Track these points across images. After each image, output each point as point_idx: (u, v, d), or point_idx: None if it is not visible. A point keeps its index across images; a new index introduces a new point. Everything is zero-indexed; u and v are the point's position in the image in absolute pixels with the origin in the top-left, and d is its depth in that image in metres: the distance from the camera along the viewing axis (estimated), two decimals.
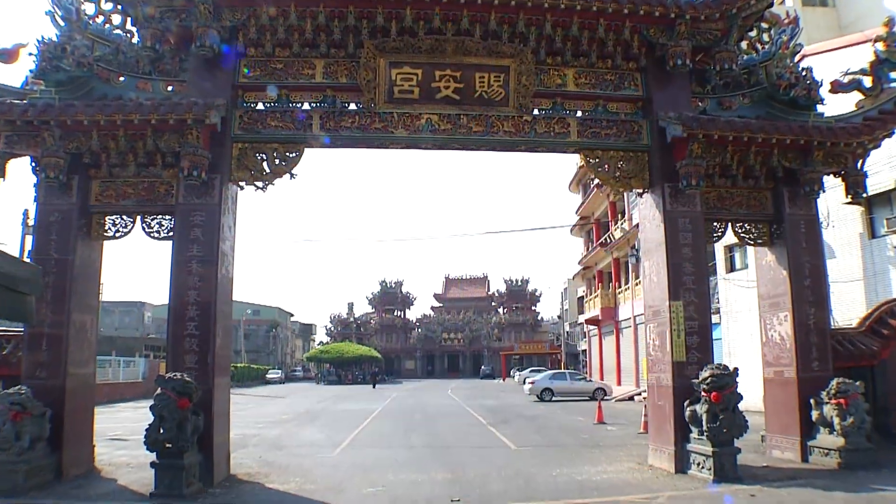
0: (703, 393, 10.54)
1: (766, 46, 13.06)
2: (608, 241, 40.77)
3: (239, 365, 61.76)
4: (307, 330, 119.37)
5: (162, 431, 9.47)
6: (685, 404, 11.06)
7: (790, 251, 12.42)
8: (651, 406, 12.33)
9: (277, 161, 11.79)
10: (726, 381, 10.39)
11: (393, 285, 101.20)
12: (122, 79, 11.58)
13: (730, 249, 26.69)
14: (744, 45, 13.08)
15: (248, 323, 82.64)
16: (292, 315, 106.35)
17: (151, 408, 9.61)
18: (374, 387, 55.14)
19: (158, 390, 9.66)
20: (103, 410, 25.46)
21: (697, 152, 11.59)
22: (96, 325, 11.59)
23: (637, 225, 29.88)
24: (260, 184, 11.79)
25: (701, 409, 10.59)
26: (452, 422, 22.16)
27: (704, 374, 10.62)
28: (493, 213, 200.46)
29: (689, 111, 12.03)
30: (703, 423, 10.48)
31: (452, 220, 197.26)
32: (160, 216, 11.47)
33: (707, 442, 10.45)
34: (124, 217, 11.55)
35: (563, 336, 69.04)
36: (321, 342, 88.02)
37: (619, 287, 39.85)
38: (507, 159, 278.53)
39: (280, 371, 76.76)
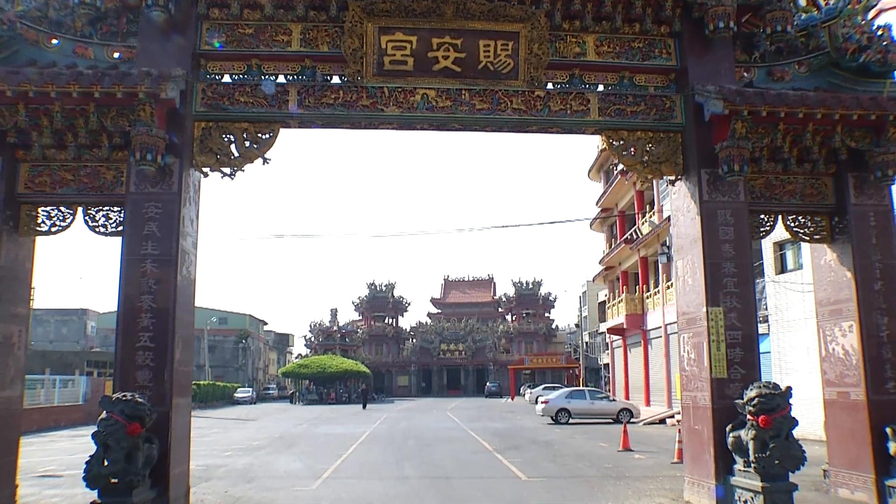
0: (749, 416, 10.36)
1: (831, 2, 12.66)
2: (634, 236, 40.65)
3: (202, 382, 61.81)
4: (283, 341, 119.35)
5: (107, 464, 9.24)
6: (727, 429, 10.90)
7: (856, 248, 12.23)
8: (686, 431, 12.20)
9: (248, 143, 11.65)
10: (777, 402, 10.20)
11: (383, 288, 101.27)
12: (54, 42, 11.33)
13: (780, 247, 26.45)
14: (802, 1, 12.81)
15: (213, 333, 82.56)
16: (266, 323, 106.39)
17: (94, 435, 9.36)
18: (364, 407, 54.97)
19: (104, 414, 9.46)
20: (33, 441, 25.26)
21: (741, 132, 11.43)
22: (25, 338, 11.33)
23: (668, 218, 29.78)
24: (227, 170, 11.64)
25: (747, 435, 10.41)
26: (453, 448, 22.08)
27: (750, 393, 10.45)
28: (499, 206, 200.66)
29: (732, 83, 11.85)
30: (750, 452, 10.29)
31: (452, 213, 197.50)
32: (107, 207, 11.28)
33: (755, 475, 10.25)
34: (62, 208, 11.33)
35: (582, 348, 69.06)
36: (299, 355, 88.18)
37: (648, 291, 39.76)
38: (517, 142, 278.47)
39: (251, 389, 76.89)
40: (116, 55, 11.37)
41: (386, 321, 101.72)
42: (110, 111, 10.76)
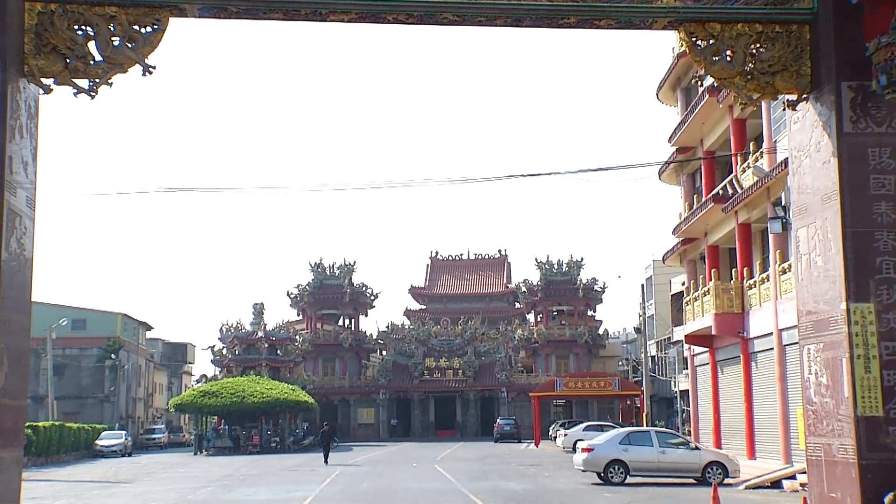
0: None
1: None
2: (729, 191, 40.52)
3: (42, 424, 61.47)
4: (177, 355, 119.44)
5: None
6: (886, 500, 10.85)
7: None
8: (817, 500, 12.19)
9: (117, 40, 11.51)
10: None
11: (336, 272, 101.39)
12: None
13: None
14: None
15: (62, 344, 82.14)
16: (150, 328, 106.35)
17: None
18: (325, 458, 52.45)
19: None
20: None
21: None
22: None
23: (785, 162, 29.51)
24: (84, 82, 11.51)
25: None
26: None
27: None
28: (515, 148, 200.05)
29: None
30: None
31: (445, 157, 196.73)
32: None
33: None
34: None
35: (646, 365, 69.24)
36: (203, 377, 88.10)
37: (751, 276, 39.70)
38: (545, 43, 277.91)
39: (124, 433, 76.44)
40: None
41: (340, 323, 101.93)
42: None
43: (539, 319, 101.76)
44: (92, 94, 11.55)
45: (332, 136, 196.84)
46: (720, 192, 41.87)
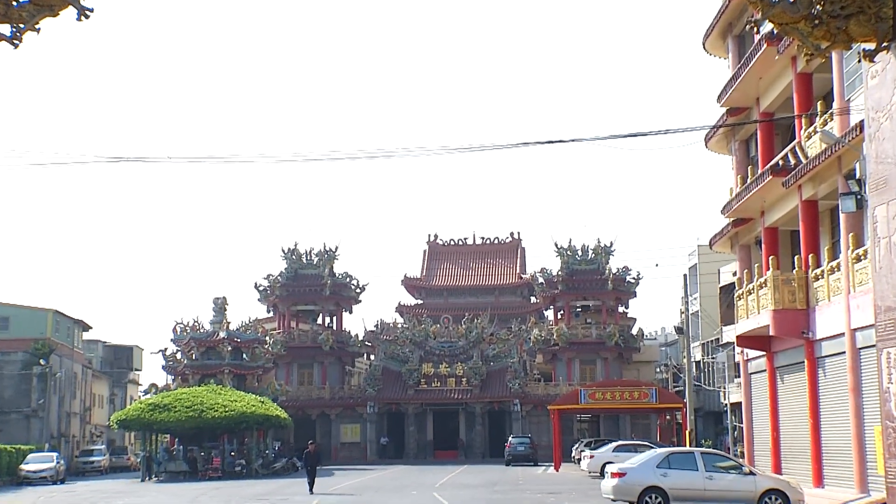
0: None
1: None
2: (791, 162, 40.46)
3: None
4: (121, 360, 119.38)
5: None
6: None
7: None
8: None
9: None
10: None
11: (314, 259, 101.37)
12: None
13: None
14: None
15: None
16: (87, 328, 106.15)
17: None
18: (310, 486, 51.84)
19: None
20: None
21: None
22: None
23: (860, 125, 29.43)
24: (5, 28, 11.47)
25: None
26: None
27: None
28: (532, 106, 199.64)
29: None
30: None
31: (445, 118, 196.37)
32: None
33: None
34: None
35: (689, 373, 69.17)
36: (153, 386, 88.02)
37: (818, 265, 39.64)
38: None
39: (56, 455, 76.19)
40: None
41: (319, 321, 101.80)
42: None
43: (559, 317, 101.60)
44: (15, 42, 11.52)
45: (310, 96, 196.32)
46: (780, 162, 41.80)
